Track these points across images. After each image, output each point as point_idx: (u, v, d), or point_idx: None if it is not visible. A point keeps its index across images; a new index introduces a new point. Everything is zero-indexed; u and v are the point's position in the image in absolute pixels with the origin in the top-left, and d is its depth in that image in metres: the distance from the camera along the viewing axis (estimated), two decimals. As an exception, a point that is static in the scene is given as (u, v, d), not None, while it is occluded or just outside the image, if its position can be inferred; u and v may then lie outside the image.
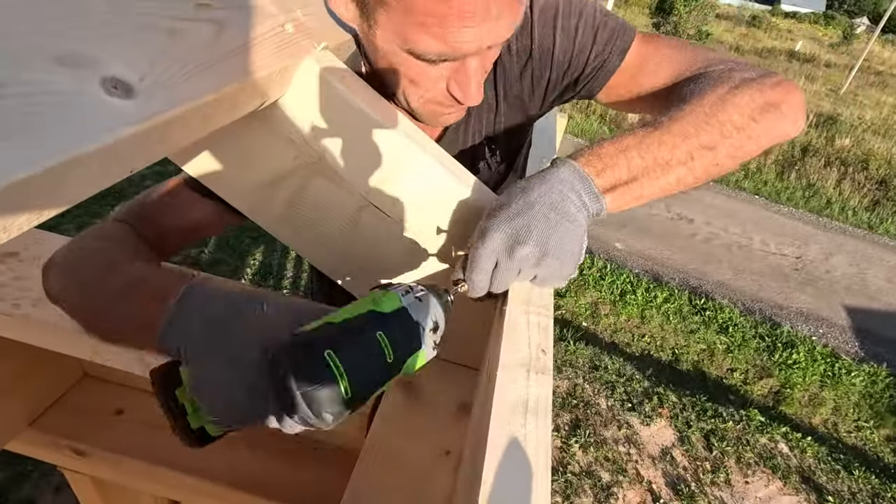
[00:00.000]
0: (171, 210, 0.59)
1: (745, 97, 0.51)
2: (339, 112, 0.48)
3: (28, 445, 0.77)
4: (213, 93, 0.33)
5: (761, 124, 0.51)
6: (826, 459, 2.77)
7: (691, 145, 0.49)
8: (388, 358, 0.35)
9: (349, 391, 0.33)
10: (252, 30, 0.41)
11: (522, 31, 0.61)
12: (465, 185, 0.52)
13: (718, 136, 0.50)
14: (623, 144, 0.48)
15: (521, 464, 0.31)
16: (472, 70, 0.49)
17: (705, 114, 0.50)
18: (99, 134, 0.25)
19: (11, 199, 0.22)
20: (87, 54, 0.28)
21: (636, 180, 0.47)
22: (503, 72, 0.64)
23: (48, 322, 0.59)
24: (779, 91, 0.53)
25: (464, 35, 0.44)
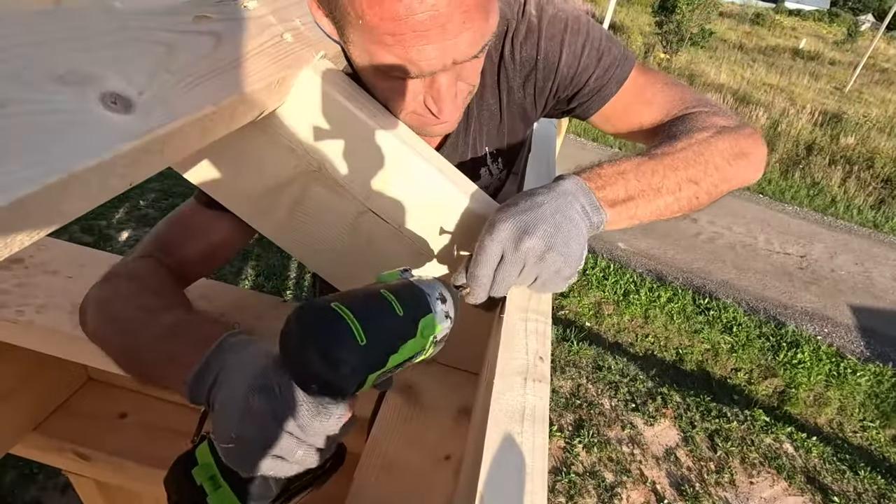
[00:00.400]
0: (192, 235, 0.60)
1: (725, 143, 0.58)
2: (338, 121, 0.49)
3: (33, 449, 0.78)
4: (211, 105, 0.34)
5: (734, 168, 0.58)
6: (831, 460, 2.76)
7: (680, 177, 0.53)
8: (398, 311, 0.35)
9: (363, 337, 0.32)
10: (250, 41, 0.41)
11: (528, 41, 0.62)
12: (462, 192, 0.52)
13: (702, 173, 0.55)
14: (621, 168, 0.52)
15: (518, 471, 0.31)
16: (444, 86, 0.50)
17: (693, 152, 0.55)
18: (98, 150, 0.26)
19: (12, 217, 0.22)
20: (87, 71, 0.28)
21: (632, 200, 0.51)
22: (507, 80, 0.64)
23: (52, 328, 0.60)
24: (750, 142, 0.61)
25: (424, 53, 0.44)
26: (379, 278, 0.39)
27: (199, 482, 0.37)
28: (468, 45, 0.46)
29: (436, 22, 0.42)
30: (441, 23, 0.42)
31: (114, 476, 0.78)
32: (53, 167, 0.24)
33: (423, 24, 0.42)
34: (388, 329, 0.34)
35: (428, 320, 0.37)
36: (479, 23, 0.45)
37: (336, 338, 0.31)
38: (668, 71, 10.69)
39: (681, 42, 11.35)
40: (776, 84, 11.96)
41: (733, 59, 14.18)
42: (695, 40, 11.76)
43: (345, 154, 0.50)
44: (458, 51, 0.46)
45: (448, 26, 0.43)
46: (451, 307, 0.40)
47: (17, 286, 0.62)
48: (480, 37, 0.46)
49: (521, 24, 0.62)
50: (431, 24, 0.42)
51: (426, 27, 0.42)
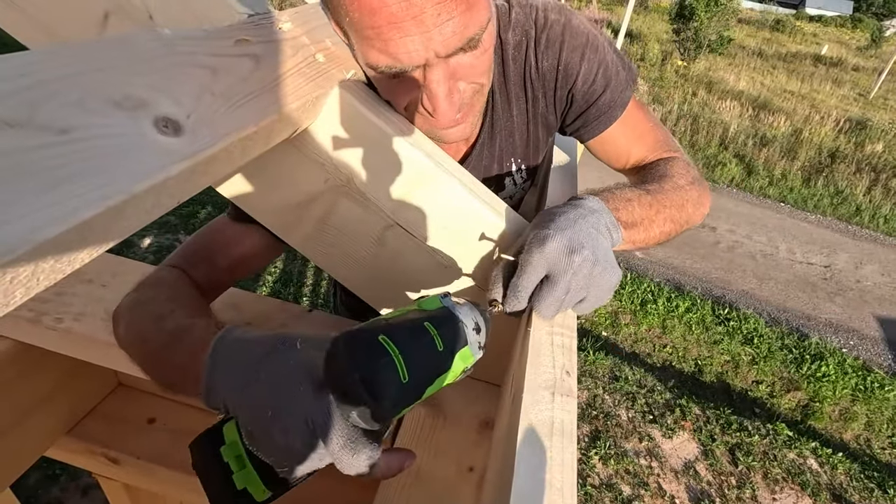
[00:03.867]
0: (220, 246, 0.62)
1: (695, 192, 0.65)
2: (367, 136, 0.50)
3: (65, 452, 0.81)
4: (252, 126, 0.35)
5: (695, 214, 0.65)
6: (858, 477, 2.67)
7: (665, 215, 0.59)
8: (439, 347, 0.36)
9: (406, 375, 0.33)
10: (286, 62, 0.43)
11: (550, 50, 0.63)
12: (488, 207, 0.53)
13: (678, 214, 0.61)
14: (628, 195, 0.56)
15: (549, 487, 0.31)
16: (435, 82, 0.50)
17: (677, 195, 0.62)
18: (152, 172, 0.27)
19: (78, 237, 0.24)
20: (141, 96, 0.30)
21: (636, 226, 0.55)
22: (532, 90, 0.65)
23: (88, 335, 0.62)
24: (706, 194, 0.69)
25: (403, 45, 0.45)
26: (420, 305, 0.39)
27: (226, 460, 0.37)
28: (448, 37, 0.46)
29: (409, 13, 0.43)
30: (414, 14, 0.43)
31: (142, 480, 0.80)
32: (113, 190, 0.25)
33: (397, 16, 0.43)
34: (429, 366, 0.36)
35: (464, 353, 0.38)
36: (458, 14, 0.45)
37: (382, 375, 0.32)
38: (686, 79, 10.60)
39: (699, 49, 11.24)
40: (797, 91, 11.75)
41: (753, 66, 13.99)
42: (713, 47, 11.64)
43: (373, 169, 0.52)
44: (438, 43, 0.46)
45: (423, 17, 0.44)
46: (483, 336, 0.41)
47: (56, 294, 0.65)
48: (462, 28, 0.46)
49: (542, 34, 0.63)
50: (405, 14, 0.43)
51: (400, 18, 0.43)
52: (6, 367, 0.67)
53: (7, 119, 0.24)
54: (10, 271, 0.21)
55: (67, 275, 0.25)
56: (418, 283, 0.59)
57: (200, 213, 3.71)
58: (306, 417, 0.34)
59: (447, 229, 0.54)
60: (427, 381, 0.35)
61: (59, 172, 0.24)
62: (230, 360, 0.39)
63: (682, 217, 0.62)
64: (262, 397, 0.36)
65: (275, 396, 0.35)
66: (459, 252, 0.56)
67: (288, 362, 0.36)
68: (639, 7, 20.95)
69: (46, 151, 0.24)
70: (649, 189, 0.60)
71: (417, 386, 0.34)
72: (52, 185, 0.23)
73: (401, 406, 0.34)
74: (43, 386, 0.72)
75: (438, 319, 0.37)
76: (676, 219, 0.61)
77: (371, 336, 0.34)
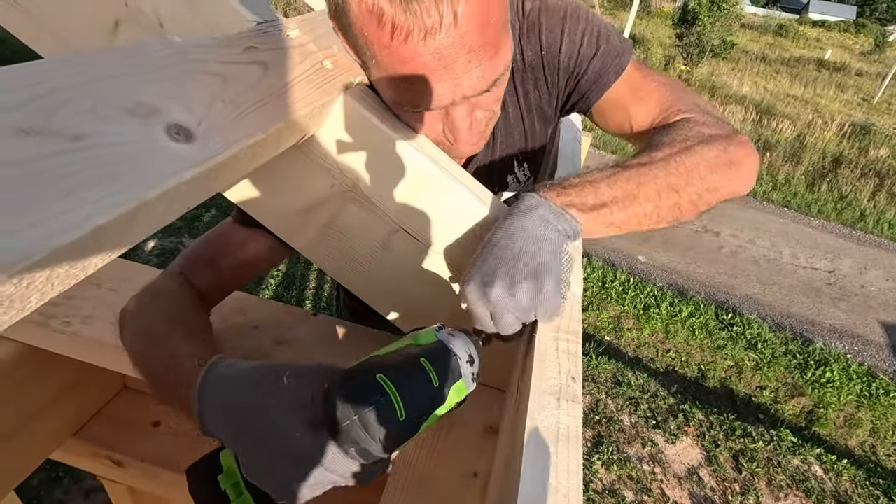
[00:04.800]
0: (226, 250, 0.63)
1: (711, 152, 0.56)
2: (373, 142, 0.50)
3: (71, 455, 0.81)
4: (261, 132, 0.36)
5: (721, 178, 0.56)
6: (864, 484, 2.65)
7: (659, 185, 0.53)
8: (435, 383, 0.36)
9: (403, 412, 0.34)
10: (294, 69, 0.44)
11: (530, 39, 0.62)
12: (492, 211, 0.53)
13: (684, 182, 0.53)
14: (591, 177, 0.52)
15: (554, 493, 0.31)
16: (458, 118, 0.51)
17: (675, 161, 0.54)
18: (164, 179, 0.28)
19: (91, 243, 0.24)
20: (153, 104, 0.30)
21: (605, 206, 0.50)
22: (522, 84, 0.65)
23: (96, 338, 0.63)
24: (740, 151, 0.58)
25: (434, 91, 0.46)
26: (416, 339, 0.40)
27: (223, 488, 0.38)
28: (476, 82, 0.47)
29: (441, 63, 0.44)
30: (445, 64, 0.44)
31: (146, 483, 0.80)
32: (125, 196, 0.26)
33: (429, 66, 0.44)
34: (425, 402, 0.37)
35: (458, 386, 0.39)
36: (486, 61, 0.46)
37: (379, 414, 0.33)
38: (689, 83, 10.61)
39: (702, 54, 11.25)
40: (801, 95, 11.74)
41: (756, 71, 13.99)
42: (716, 52, 11.65)
43: (378, 174, 0.52)
44: (466, 88, 0.47)
45: (453, 66, 0.44)
46: (476, 367, 0.41)
47: (65, 298, 0.65)
48: (490, 72, 0.47)
49: (524, 24, 0.62)
50: (437, 65, 0.44)
51: (432, 68, 0.44)
52: (14, 369, 0.67)
53: (23, 126, 0.24)
54: (26, 277, 0.21)
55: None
56: (423, 287, 0.59)
57: (205, 217, 3.72)
58: (304, 457, 0.35)
59: (452, 234, 0.55)
60: (423, 417, 0.36)
61: (73, 179, 0.24)
62: (217, 397, 0.40)
63: (692, 183, 0.53)
64: (257, 435, 0.37)
65: (270, 435, 0.36)
66: (465, 257, 0.56)
67: (278, 399, 0.37)
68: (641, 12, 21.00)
69: (61, 158, 0.25)
70: (631, 164, 0.54)
71: (414, 422, 0.36)
72: (67, 192, 0.24)
73: (399, 443, 0.35)
74: (50, 389, 0.73)
75: (434, 354, 0.38)
76: (681, 187, 0.53)
77: (368, 376, 0.35)
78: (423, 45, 0.42)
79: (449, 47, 0.43)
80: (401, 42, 0.42)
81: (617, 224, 0.51)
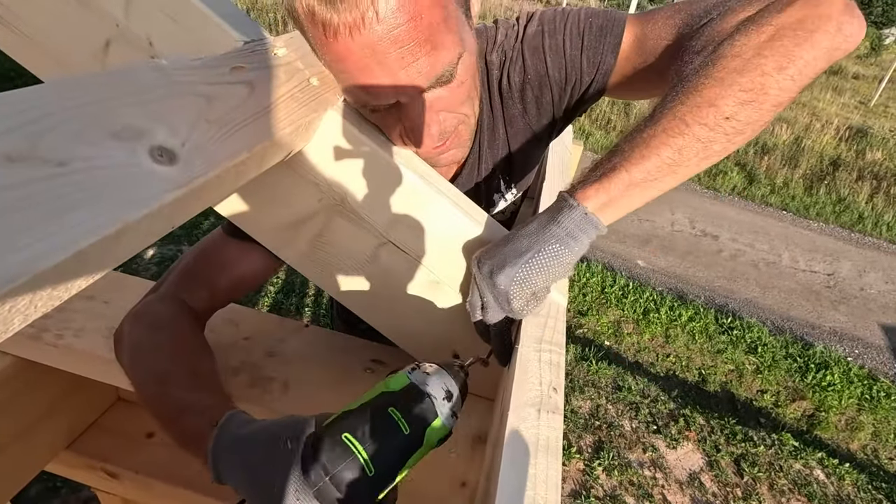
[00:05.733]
0: (221, 269, 0.63)
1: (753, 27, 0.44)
2: (359, 157, 0.51)
3: (65, 467, 0.81)
4: (245, 152, 0.36)
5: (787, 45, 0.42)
6: (866, 488, 2.64)
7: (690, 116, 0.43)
8: (405, 430, 0.37)
9: (371, 467, 0.35)
10: (280, 87, 0.45)
11: (515, 66, 0.63)
12: (476, 223, 0.54)
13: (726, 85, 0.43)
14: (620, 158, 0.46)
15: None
16: (412, 117, 0.51)
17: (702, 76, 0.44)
18: (147, 201, 0.28)
19: (75, 265, 0.25)
20: (138, 127, 0.31)
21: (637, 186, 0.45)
22: (508, 109, 0.66)
23: (89, 351, 0.63)
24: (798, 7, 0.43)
25: (372, 87, 0.47)
26: (387, 385, 0.40)
27: None
28: (416, 76, 0.47)
29: (373, 58, 0.45)
30: (378, 60, 0.45)
31: (140, 494, 0.80)
32: (109, 219, 0.27)
33: (362, 61, 0.45)
34: (396, 452, 0.37)
35: (434, 427, 0.39)
36: (423, 56, 0.46)
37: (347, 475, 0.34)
38: (686, 87, 10.62)
39: (698, 58, 11.28)
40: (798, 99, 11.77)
41: (753, 75, 14.01)
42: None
43: (366, 188, 0.53)
44: (406, 83, 0.48)
45: (386, 61, 0.45)
46: (457, 401, 0.42)
47: (57, 311, 0.66)
48: (429, 68, 0.48)
49: (514, 49, 0.63)
50: (369, 60, 0.45)
51: (365, 63, 0.45)
52: (8, 383, 0.68)
53: (9, 153, 0.25)
54: (8, 301, 0.22)
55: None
56: (411, 298, 0.60)
57: (203, 224, 3.74)
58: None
59: (439, 246, 0.55)
60: (397, 467, 0.37)
61: (57, 203, 0.25)
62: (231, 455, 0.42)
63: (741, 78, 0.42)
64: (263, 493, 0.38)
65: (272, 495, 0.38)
66: (451, 268, 0.57)
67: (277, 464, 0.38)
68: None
69: (45, 184, 0.25)
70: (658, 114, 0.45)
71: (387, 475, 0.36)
72: (50, 217, 0.25)
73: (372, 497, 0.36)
74: (44, 401, 0.73)
75: (404, 400, 0.39)
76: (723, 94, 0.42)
77: (334, 437, 0.36)
78: (351, 41, 0.44)
79: (378, 42, 0.44)
80: (333, 39, 0.44)
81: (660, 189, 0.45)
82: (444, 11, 0.47)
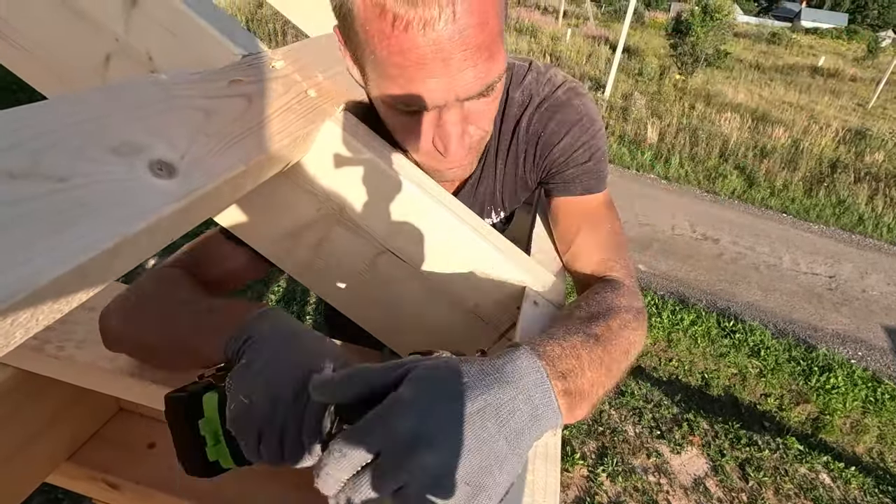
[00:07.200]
0: (210, 261, 0.64)
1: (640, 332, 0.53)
2: (358, 167, 0.52)
3: (66, 478, 0.81)
4: (243, 164, 0.37)
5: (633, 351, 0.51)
6: (872, 491, 2.62)
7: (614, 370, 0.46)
8: None
9: None
10: (278, 100, 0.45)
11: (541, 116, 0.66)
12: (475, 232, 0.54)
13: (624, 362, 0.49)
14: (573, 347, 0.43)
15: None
16: (450, 123, 0.52)
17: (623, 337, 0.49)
18: (146, 215, 0.29)
19: (75, 280, 0.25)
20: (137, 142, 0.31)
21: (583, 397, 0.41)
22: (516, 148, 0.68)
23: (91, 363, 0.63)
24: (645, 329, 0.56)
25: (427, 85, 0.47)
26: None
27: (203, 433, 0.40)
28: (470, 82, 0.48)
29: (438, 56, 0.45)
30: (443, 57, 0.45)
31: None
32: (109, 233, 0.27)
33: (426, 58, 0.45)
34: None
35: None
36: (481, 62, 0.47)
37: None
38: (684, 92, 10.71)
39: (696, 63, 11.37)
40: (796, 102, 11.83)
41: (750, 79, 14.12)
42: (710, 61, 11.78)
43: (364, 198, 0.53)
44: (460, 87, 0.48)
45: (450, 62, 0.46)
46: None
47: (59, 322, 0.66)
48: (484, 74, 0.48)
49: (544, 101, 0.66)
50: (434, 57, 0.45)
51: (428, 60, 0.45)
52: (9, 395, 0.68)
53: (11, 170, 0.26)
54: (10, 315, 0.22)
55: (66, 312, 0.27)
56: (409, 306, 0.60)
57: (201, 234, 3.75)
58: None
59: (437, 255, 0.56)
60: None
61: (57, 219, 0.26)
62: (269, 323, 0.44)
63: (625, 366, 0.48)
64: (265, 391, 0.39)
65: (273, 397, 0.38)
66: (449, 276, 0.57)
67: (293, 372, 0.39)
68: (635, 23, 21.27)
69: (46, 199, 0.26)
70: (598, 334, 0.46)
71: None
72: (52, 231, 0.25)
73: None
74: (45, 413, 0.73)
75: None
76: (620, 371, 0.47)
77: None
78: (421, 36, 0.44)
79: (447, 41, 0.44)
80: (400, 32, 0.44)
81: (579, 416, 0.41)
82: (501, 23, 0.49)
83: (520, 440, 0.33)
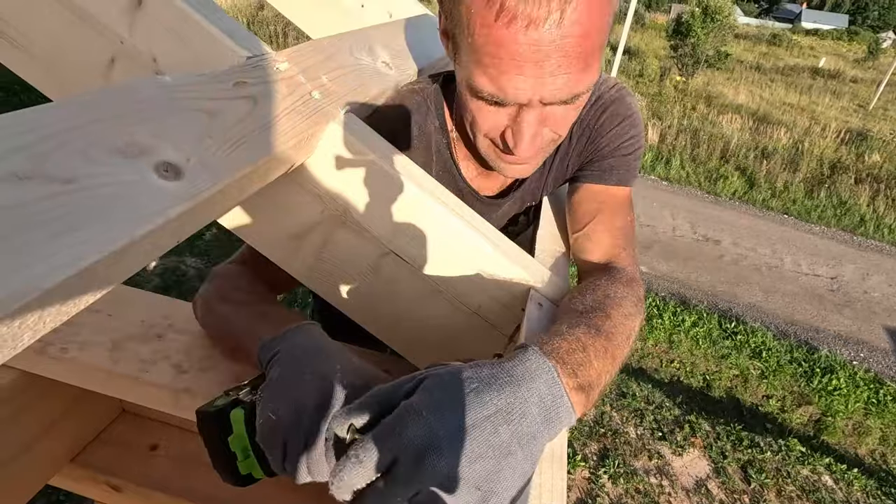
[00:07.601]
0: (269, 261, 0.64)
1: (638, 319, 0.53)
2: (361, 169, 0.52)
3: (68, 480, 0.81)
4: (249, 166, 0.37)
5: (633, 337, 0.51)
6: (875, 493, 2.62)
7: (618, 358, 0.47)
8: None
9: None
10: (282, 101, 0.45)
11: (594, 109, 0.67)
12: (477, 232, 0.54)
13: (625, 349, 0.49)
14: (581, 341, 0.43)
15: (537, 514, 0.32)
16: (527, 122, 0.51)
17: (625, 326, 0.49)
18: (153, 216, 0.29)
19: (82, 282, 0.25)
20: (143, 143, 0.31)
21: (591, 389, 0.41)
22: (568, 140, 0.69)
23: (94, 364, 0.63)
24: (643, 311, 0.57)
25: (515, 82, 0.47)
26: None
27: (233, 449, 0.42)
28: (559, 88, 0.48)
29: (533, 56, 0.45)
30: (538, 59, 0.45)
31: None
32: (114, 235, 0.27)
33: (522, 56, 0.45)
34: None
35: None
36: (575, 72, 0.47)
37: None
38: (685, 94, 10.71)
39: (696, 64, 11.38)
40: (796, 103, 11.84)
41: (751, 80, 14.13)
42: (711, 62, 11.78)
43: (368, 200, 0.53)
44: (547, 91, 0.48)
45: (544, 65, 0.45)
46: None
47: (62, 324, 0.66)
48: (574, 84, 0.48)
49: (599, 99, 0.67)
50: (529, 57, 0.45)
51: (524, 58, 0.45)
52: (13, 396, 0.68)
53: (17, 172, 0.26)
54: (18, 318, 0.22)
55: (72, 314, 0.27)
56: (413, 307, 0.60)
57: (205, 235, 3.75)
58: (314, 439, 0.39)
59: (440, 256, 0.56)
60: None
61: (64, 221, 0.26)
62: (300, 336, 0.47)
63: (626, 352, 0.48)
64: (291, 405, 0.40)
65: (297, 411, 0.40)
66: (453, 278, 0.57)
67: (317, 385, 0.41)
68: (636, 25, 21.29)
69: (53, 201, 0.26)
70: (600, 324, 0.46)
71: None
72: (58, 234, 0.25)
73: None
74: (48, 414, 0.73)
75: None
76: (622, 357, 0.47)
77: None
78: (523, 34, 0.43)
79: (548, 44, 0.44)
80: (503, 24, 0.43)
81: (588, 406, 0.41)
82: (605, 38, 0.48)
83: (531, 443, 0.33)
